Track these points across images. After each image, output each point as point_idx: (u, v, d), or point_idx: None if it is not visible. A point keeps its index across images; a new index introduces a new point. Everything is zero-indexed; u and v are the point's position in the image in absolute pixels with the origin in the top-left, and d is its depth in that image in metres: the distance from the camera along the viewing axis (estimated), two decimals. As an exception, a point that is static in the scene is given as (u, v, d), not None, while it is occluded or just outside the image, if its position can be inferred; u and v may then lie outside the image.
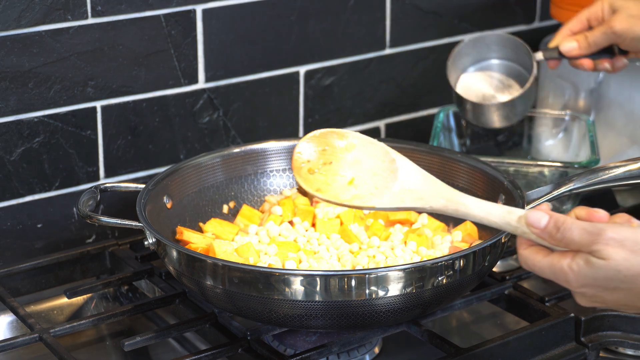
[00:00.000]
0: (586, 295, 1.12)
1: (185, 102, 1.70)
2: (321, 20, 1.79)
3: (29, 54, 1.55)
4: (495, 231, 1.45)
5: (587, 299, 1.13)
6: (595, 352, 1.41)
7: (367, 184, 1.24)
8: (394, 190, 1.22)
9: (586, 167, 1.63)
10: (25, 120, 1.58)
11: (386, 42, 1.87)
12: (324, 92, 1.84)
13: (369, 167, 1.26)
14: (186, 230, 1.47)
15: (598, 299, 1.12)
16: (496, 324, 1.53)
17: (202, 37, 1.69)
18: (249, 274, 1.28)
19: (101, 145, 1.65)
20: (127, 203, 1.57)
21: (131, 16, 1.62)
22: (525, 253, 1.15)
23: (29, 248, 1.63)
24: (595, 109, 1.87)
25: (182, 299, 1.47)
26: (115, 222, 1.40)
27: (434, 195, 1.21)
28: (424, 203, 1.21)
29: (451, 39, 1.94)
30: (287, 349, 1.40)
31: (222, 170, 1.58)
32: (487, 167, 1.52)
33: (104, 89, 1.63)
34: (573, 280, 1.12)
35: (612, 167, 1.43)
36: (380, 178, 1.24)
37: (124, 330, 1.53)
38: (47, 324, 1.51)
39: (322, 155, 1.28)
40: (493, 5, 1.97)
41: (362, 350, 1.41)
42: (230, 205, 1.58)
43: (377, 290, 1.26)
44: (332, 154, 1.28)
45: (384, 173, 1.25)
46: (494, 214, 1.17)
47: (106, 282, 1.52)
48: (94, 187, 1.48)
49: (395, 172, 1.24)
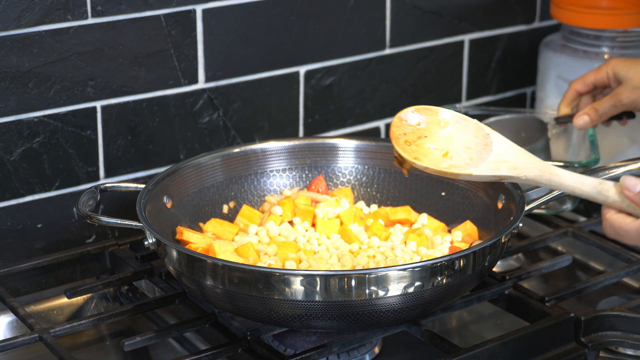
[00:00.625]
0: None
1: (185, 102, 1.70)
2: (321, 20, 1.79)
3: (29, 54, 1.55)
4: (495, 231, 1.45)
5: None
6: (595, 352, 1.41)
7: (462, 156, 1.29)
8: (489, 159, 1.27)
9: (586, 167, 1.63)
10: (25, 120, 1.58)
11: (386, 42, 1.87)
12: (324, 92, 1.84)
13: (462, 141, 1.31)
14: (186, 230, 1.47)
15: None
16: (496, 324, 1.53)
17: (202, 37, 1.69)
18: (249, 274, 1.28)
19: (101, 145, 1.65)
20: (127, 203, 1.57)
21: (131, 16, 1.62)
22: (613, 217, 1.22)
23: (29, 248, 1.63)
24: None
25: (182, 299, 1.47)
26: (115, 222, 1.40)
27: (528, 166, 1.27)
28: (519, 172, 1.26)
29: (451, 39, 1.94)
30: (287, 349, 1.40)
31: (222, 170, 1.58)
32: (487, 167, 1.52)
33: (104, 89, 1.63)
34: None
35: (612, 167, 1.43)
36: (474, 151, 1.29)
37: (124, 330, 1.53)
38: (47, 324, 1.51)
39: (417, 130, 1.32)
40: (493, 5, 1.97)
41: (362, 350, 1.41)
42: (230, 205, 1.58)
43: (377, 290, 1.26)
44: (427, 129, 1.32)
45: (478, 147, 1.29)
46: (587, 184, 1.24)
47: (106, 282, 1.52)
48: (94, 187, 1.48)
49: (490, 145, 1.29)
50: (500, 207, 1.48)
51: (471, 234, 1.49)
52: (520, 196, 1.42)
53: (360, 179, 1.63)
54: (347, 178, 1.63)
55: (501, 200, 1.47)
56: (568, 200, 1.70)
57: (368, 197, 1.62)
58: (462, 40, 1.95)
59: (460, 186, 1.55)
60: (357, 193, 1.63)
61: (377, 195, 1.62)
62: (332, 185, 1.63)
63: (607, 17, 1.84)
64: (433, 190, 1.58)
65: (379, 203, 1.62)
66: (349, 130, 1.88)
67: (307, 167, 1.62)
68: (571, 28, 1.89)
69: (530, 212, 1.43)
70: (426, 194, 1.58)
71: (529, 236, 1.69)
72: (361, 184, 1.63)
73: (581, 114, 1.67)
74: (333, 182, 1.63)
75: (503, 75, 2.02)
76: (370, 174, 1.62)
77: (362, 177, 1.63)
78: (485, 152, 1.29)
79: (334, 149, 1.63)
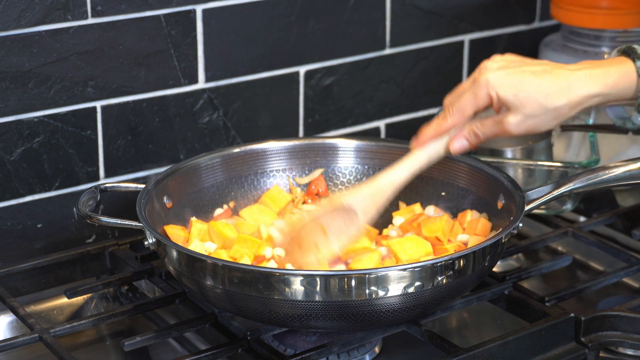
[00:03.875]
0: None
1: (185, 102, 1.70)
2: (321, 20, 1.79)
3: (29, 54, 1.55)
4: (495, 231, 1.45)
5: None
6: (595, 352, 1.41)
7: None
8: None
9: (586, 167, 1.63)
10: (25, 120, 1.58)
11: (386, 42, 1.87)
12: (324, 92, 1.84)
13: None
14: (170, 227, 1.47)
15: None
16: (496, 324, 1.53)
17: (202, 37, 1.69)
18: (249, 274, 1.28)
19: (101, 145, 1.65)
20: (127, 203, 1.57)
21: (131, 16, 1.62)
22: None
23: (29, 248, 1.63)
24: (595, 109, 1.87)
25: (182, 299, 1.47)
26: (115, 222, 1.40)
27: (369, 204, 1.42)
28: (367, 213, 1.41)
29: (451, 39, 1.94)
30: (287, 349, 1.40)
31: (222, 170, 1.58)
32: (487, 167, 1.52)
33: (104, 89, 1.63)
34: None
35: (612, 167, 1.43)
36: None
37: (124, 330, 1.53)
38: (47, 324, 1.51)
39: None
40: (493, 5, 1.97)
41: (362, 350, 1.41)
42: (230, 205, 1.58)
43: (377, 290, 1.26)
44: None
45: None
46: (401, 169, 1.41)
47: (106, 282, 1.52)
48: (94, 187, 1.48)
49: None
50: (500, 207, 1.47)
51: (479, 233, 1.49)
52: (520, 196, 1.42)
53: (360, 179, 1.63)
54: (347, 178, 1.63)
55: (501, 200, 1.47)
56: (568, 200, 1.70)
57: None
58: (462, 40, 1.95)
59: (460, 186, 1.55)
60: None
61: (377, 195, 1.62)
62: (332, 185, 1.63)
63: (607, 17, 1.84)
64: (433, 190, 1.58)
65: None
66: (349, 130, 1.88)
67: (307, 167, 1.62)
68: (571, 28, 1.89)
69: (530, 212, 1.43)
70: (426, 193, 1.58)
71: (529, 236, 1.69)
72: (361, 184, 1.63)
73: (459, 136, 1.41)
74: (333, 182, 1.63)
75: (503, 75, 2.02)
76: (370, 174, 1.62)
77: (362, 177, 1.63)
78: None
79: (334, 149, 1.63)
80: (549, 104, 1.36)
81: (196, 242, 1.44)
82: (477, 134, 1.40)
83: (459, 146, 1.41)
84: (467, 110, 1.38)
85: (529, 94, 1.35)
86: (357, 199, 1.41)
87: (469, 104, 1.38)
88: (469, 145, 1.41)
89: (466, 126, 1.40)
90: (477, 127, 1.40)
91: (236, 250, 1.40)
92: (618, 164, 1.43)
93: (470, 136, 1.40)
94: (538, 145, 1.72)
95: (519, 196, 1.42)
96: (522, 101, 1.35)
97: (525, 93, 1.35)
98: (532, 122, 1.37)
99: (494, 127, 1.39)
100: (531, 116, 1.36)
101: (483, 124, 1.40)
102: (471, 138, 1.40)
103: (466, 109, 1.38)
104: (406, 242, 1.43)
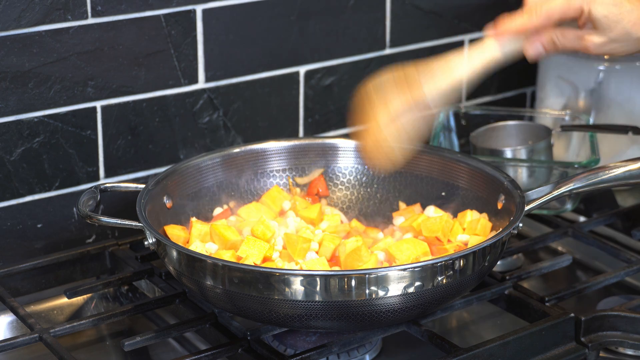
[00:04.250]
0: None
1: (185, 102, 1.70)
2: (321, 20, 1.79)
3: (29, 54, 1.55)
4: (495, 231, 1.46)
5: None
6: (595, 352, 1.41)
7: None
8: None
9: (586, 167, 1.63)
10: (25, 120, 1.58)
11: (386, 42, 1.87)
12: (324, 92, 1.84)
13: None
14: (170, 227, 1.46)
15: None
16: (496, 324, 1.53)
17: (202, 37, 1.69)
18: (249, 274, 1.28)
19: (101, 145, 1.65)
20: (127, 203, 1.57)
21: (131, 16, 1.62)
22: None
23: (29, 248, 1.63)
24: (595, 109, 1.87)
25: (182, 299, 1.47)
26: (115, 222, 1.40)
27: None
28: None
29: (451, 39, 1.94)
30: (287, 349, 1.40)
31: (222, 170, 1.58)
32: (487, 167, 1.52)
33: (104, 89, 1.63)
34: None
35: (612, 167, 1.43)
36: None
37: (124, 330, 1.53)
38: (47, 324, 1.51)
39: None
40: (493, 5, 1.97)
41: (362, 350, 1.41)
42: (230, 205, 1.58)
43: (377, 290, 1.26)
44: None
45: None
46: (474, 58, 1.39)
47: (106, 282, 1.52)
48: (94, 187, 1.48)
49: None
50: (500, 207, 1.48)
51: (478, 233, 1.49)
52: (520, 196, 1.42)
53: (360, 179, 1.63)
54: (347, 178, 1.63)
55: (501, 200, 1.47)
56: (568, 200, 1.70)
57: (368, 196, 1.63)
58: (462, 40, 1.95)
59: (460, 186, 1.55)
60: (357, 193, 1.63)
61: (377, 196, 1.62)
62: (332, 185, 1.63)
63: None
64: (433, 190, 1.58)
65: (378, 203, 1.62)
66: (349, 130, 1.88)
67: (307, 167, 1.62)
68: (571, 28, 1.89)
69: (530, 212, 1.43)
70: (426, 193, 1.58)
71: (529, 236, 1.69)
72: (361, 184, 1.63)
73: (537, 41, 1.40)
74: (333, 182, 1.63)
75: (503, 75, 2.02)
76: (370, 174, 1.62)
77: (362, 177, 1.63)
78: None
79: (334, 149, 1.63)
80: (635, 33, 1.36)
81: (197, 243, 1.44)
82: (556, 43, 1.39)
83: (534, 51, 1.39)
84: (555, 15, 1.37)
85: (619, 19, 1.36)
86: (434, 93, 1.39)
87: (558, 10, 1.36)
88: (544, 52, 1.39)
89: (546, 32, 1.38)
90: (557, 36, 1.38)
91: (243, 250, 1.40)
92: (618, 164, 1.43)
93: (549, 43, 1.39)
94: (538, 145, 1.72)
95: (519, 196, 1.42)
96: (611, 24, 1.36)
97: (615, 17, 1.36)
98: (614, 46, 1.38)
99: (574, 42, 1.38)
100: (615, 40, 1.37)
101: (564, 35, 1.38)
102: (549, 45, 1.39)
103: (555, 13, 1.37)
104: (403, 244, 1.43)
